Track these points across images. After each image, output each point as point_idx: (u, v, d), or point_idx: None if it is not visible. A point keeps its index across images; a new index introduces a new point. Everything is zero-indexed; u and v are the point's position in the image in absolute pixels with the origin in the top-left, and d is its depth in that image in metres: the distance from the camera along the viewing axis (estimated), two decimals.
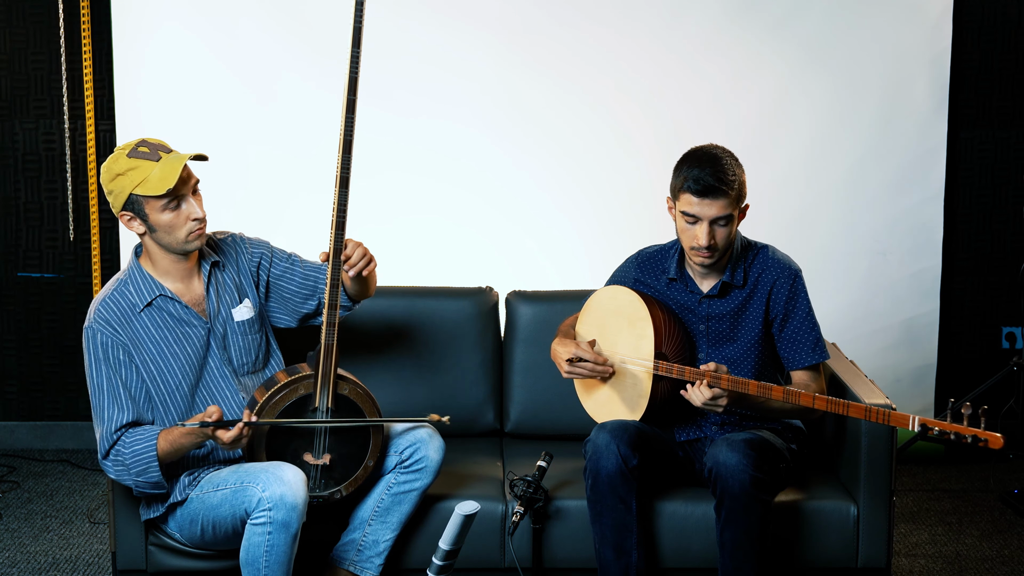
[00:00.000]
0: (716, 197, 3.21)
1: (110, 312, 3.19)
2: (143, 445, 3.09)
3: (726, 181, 3.21)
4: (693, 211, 3.24)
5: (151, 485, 3.13)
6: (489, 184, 4.84)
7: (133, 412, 3.15)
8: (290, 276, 3.40)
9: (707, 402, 3.14)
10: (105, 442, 3.14)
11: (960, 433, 2.86)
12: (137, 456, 3.09)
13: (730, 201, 3.23)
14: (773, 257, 3.39)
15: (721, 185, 3.20)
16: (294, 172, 4.80)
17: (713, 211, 3.22)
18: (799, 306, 3.36)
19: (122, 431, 3.14)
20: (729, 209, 3.24)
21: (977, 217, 5.05)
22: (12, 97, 4.93)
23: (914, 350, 4.99)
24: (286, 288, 3.40)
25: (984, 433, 2.83)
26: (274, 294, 3.41)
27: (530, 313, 3.91)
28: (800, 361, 3.36)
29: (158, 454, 3.09)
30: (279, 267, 3.40)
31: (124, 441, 3.12)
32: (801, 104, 4.84)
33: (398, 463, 3.31)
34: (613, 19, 4.77)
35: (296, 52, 4.76)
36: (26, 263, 5.03)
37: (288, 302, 3.41)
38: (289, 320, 3.44)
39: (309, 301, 3.40)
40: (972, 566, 3.99)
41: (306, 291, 3.39)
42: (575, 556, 3.40)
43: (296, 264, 3.41)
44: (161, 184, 3.08)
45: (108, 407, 3.15)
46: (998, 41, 4.95)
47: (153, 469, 3.10)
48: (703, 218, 3.23)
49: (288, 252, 3.43)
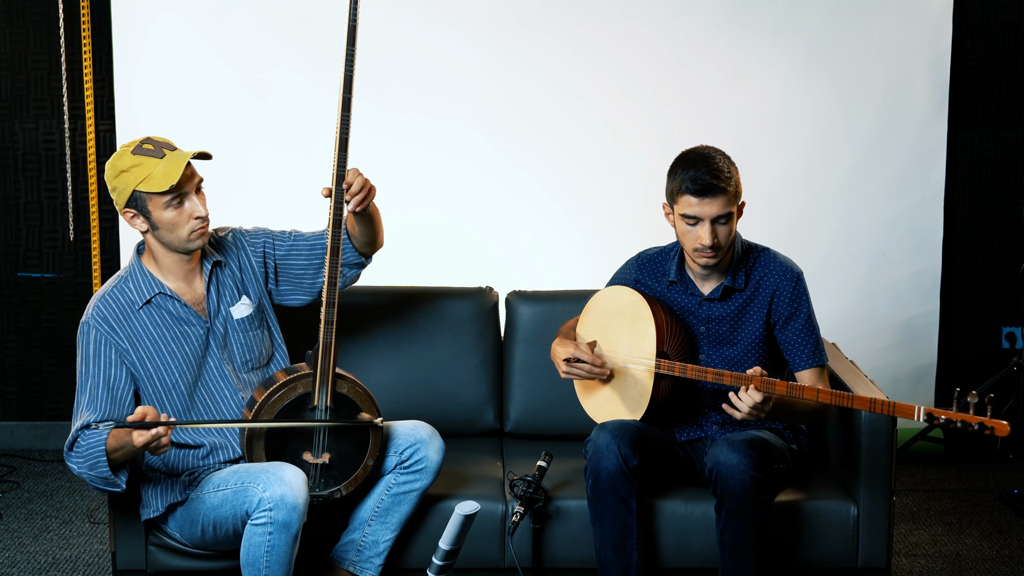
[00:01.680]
0: (715, 195, 3.21)
1: (108, 308, 3.19)
2: (95, 439, 3.07)
3: (723, 178, 3.22)
4: (693, 212, 3.24)
5: (103, 480, 3.10)
6: (489, 184, 4.84)
7: (105, 414, 3.15)
8: (296, 253, 3.39)
9: (755, 406, 3.07)
10: (71, 436, 3.14)
11: (967, 421, 2.85)
12: (90, 449, 3.07)
13: (728, 198, 3.23)
14: (775, 260, 3.39)
15: (719, 182, 3.21)
16: (292, 169, 4.80)
17: (714, 209, 3.23)
18: (801, 309, 3.36)
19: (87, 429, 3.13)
20: (728, 206, 3.24)
21: (977, 217, 5.05)
22: (12, 97, 4.94)
23: (914, 350, 4.99)
24: (295, 265, 3.39)
25: (991, 421, 2.82)
26: (284, 275, 3.40)
27: (530, 313, 3.91)
28: (802, 363, 3.36)
29: (107, 450, 3.06)
30: (282, 248, 3.39)
31: (83, 434, 3.11)
32: (801, 104, 4.84)
33: (398, 463, 3.31)
34: (613, 18, 4.77)
35: (295, 50, 4.76)
36: (26, 263, 5.03)
37: (301, 279, 3.40)
38: (306, 296, 3.42)
39: (321, 272, 3.39)
40: (972, 566, 3.99)
41: (316, 262, 3.38)
42: (575, 556, 3.40)
43: (299, 239, 3.40)
44: (164, 180, 3.09)
45: (84, 405, 3.16)
46: (998, 41, 4.95)
47: (103, 464, 3.06)
48: (704, 218, 3.24)
49: (287, 231, 3.42)
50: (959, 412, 2.87)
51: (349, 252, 3.36)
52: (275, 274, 3.40)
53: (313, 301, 3.43)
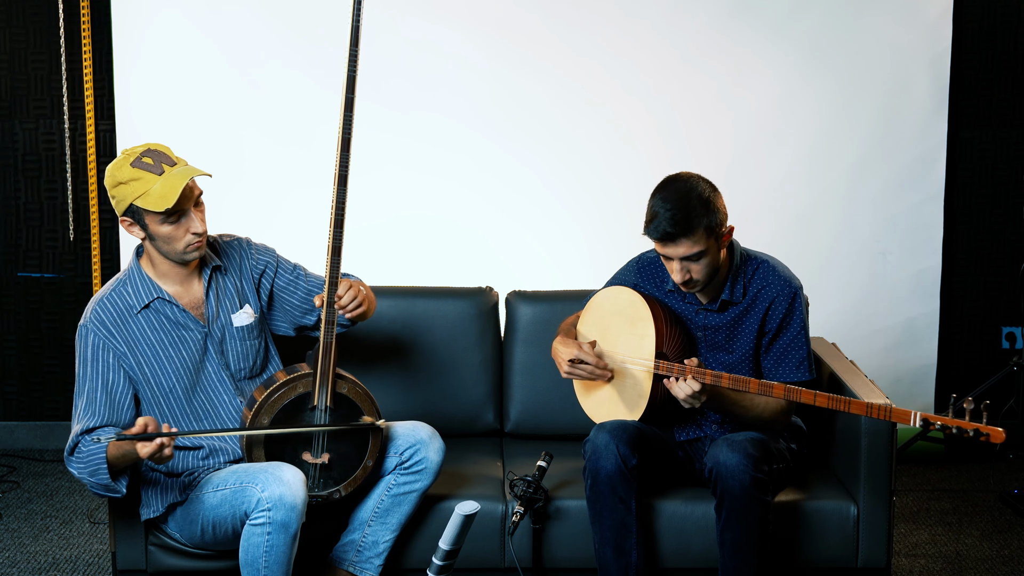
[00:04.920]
0: (678, 241, 3.16)
1: (106, 312, 3.19)
2: (96, 447, 3.08)
3: (687, 226, 3.13)
4: (662, 252, 3.22)
5: (102, 487, 3.11)
6: (490, 183, 4.84)
7: (105, 418, 3.15)
8: (293, 289, 3.40)
9: (688, 397, 3.15)
10: (72, 440, 3.14)
11: (962, 428, 2.86)
12: (91, 456, 3.07)
13: (696, 239, 3.15)
14: (774, 272, 3.35)
15: (680, 233, 3.13)
16: (293, 169, 4.80)
17: (680, 251, 3.17)
18: (793, 323, 3.33)
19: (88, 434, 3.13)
20: (696, 247, 3.16)
21: (977, 217, 5.05)
22: (12, 97, 4.93)
23: (914, 350, 4.99)
24: (288, 301, 3.41)
25: (986, 428, 2.83)
26: (276, 304, 3.41)
27: (530, 313, 3.91)
28: (781, 376, 3.33)
29: (107, 457, 3.06)
30: (284, 279, 3.40)
31: (84, 440, 3.11)
32: (801, 104, 4.84)
33: (398, 464, 3.31)
34: (615, 16, 4.77)
35: (296, 49, 4.76)
36: (26, 263, 5.03)
37: (289, 314, 3.42)
38: (287, 329, 3.45)
39: (308, 316, 3.41)
40: (972, 566, 3.99)
41: (308, 305, 3.41)
42: (575, 556, 3.40)
43: (300, 278, 3.41)
44: (161, 202, 3.08)
45: (84, 409, 3.16)
46: (998, 41, 4.95)
47: (103, 471, 3.07)
48: (673, 257, 3.21)
49: (293, 263, 3.43)
50: (955, 418, 2.88)
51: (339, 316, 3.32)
52: (268, 298, 3.40)
53: (293, 336, 3.46)
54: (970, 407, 2.86)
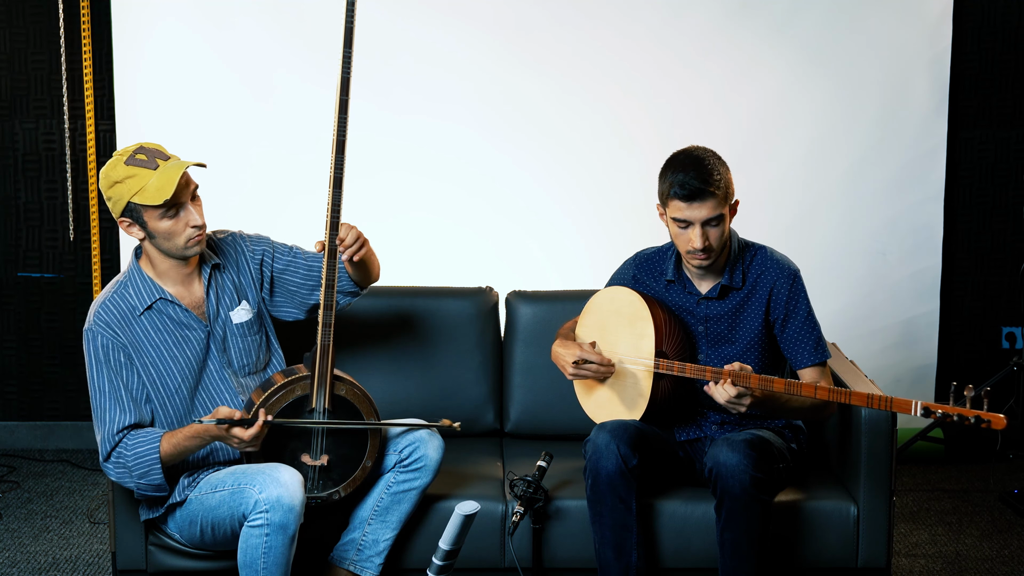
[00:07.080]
0: (704, 199, 3.21)
1: (110, 315, 3.18)
2: (146, 447, 3.09)
3: (712, 182, 3.21)
4: (683, 216, 3.24)
5: (153, 488, 3.13)
6: (489, 184, 4.84)
7: (135, 414, 3.15)
8: (294, 269, 3.39)
9: (731, 400, 3.11)
10: (107, 444, 3.13)
11: (963, 415, 2.84)
12: (140, 458, 3.09)
13: (718, 201, 3.23)
14: (772, 258, 3.39)
15: (707, 187, 3.20)
16: (292, 171, 4.80)
17: (703, 213, 3.22)
18: (799, 306, 3.36)
19: (124, 433, 3.13)
20: (718, 209, 3.23)
21: (977, 217, 5.05)
22: (12, 97, 4.94)
23: (914, 350, 4.99)
24: (291, 281, 3.40)
25: (987, 414, 2.82)
26: (279, 288, 3.40)
27: (530, 313, 3.91)
28: (803, 361, 3.36)
29: (161, 456, 3.08)
30: (282, 261, 3.39)
31: (126, 443, 3.12)
32: (801, 104, 4.84)
33: (397, 462, 3.31)
34: (614, 18, 4.77)
35: (295, 51, 4.76)
36: (26, 263, 5.03)
37: (294, 295, 3.41)
38: (297, 312, 3.43)
39: (315, 292, 3.39)
40: (972, 566, 3.99)
41: (312, 282, 3.39)
42: (575, 556, 3.40)
43: (299, 256, 3.40)
44: (158, 194, 3.08)
45: (110, 409, 3.14)
46: (998, 41, 4.95)
47: (156, 472, 3.09)
48: (694, 221, 3.23)
49: (289, 245, 3.43)
50: (956, 406, 2.87)
51: (344, 280, 3.36)
52: (270, 285, 3.39)
53: (304, 319, 3.45)
54: (971, 394, 2.86)
